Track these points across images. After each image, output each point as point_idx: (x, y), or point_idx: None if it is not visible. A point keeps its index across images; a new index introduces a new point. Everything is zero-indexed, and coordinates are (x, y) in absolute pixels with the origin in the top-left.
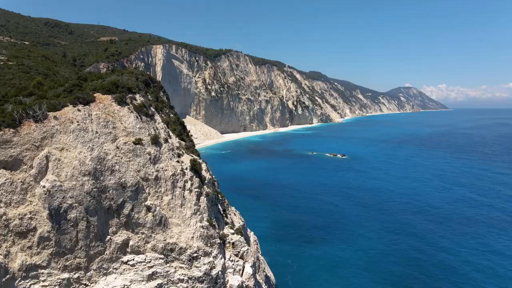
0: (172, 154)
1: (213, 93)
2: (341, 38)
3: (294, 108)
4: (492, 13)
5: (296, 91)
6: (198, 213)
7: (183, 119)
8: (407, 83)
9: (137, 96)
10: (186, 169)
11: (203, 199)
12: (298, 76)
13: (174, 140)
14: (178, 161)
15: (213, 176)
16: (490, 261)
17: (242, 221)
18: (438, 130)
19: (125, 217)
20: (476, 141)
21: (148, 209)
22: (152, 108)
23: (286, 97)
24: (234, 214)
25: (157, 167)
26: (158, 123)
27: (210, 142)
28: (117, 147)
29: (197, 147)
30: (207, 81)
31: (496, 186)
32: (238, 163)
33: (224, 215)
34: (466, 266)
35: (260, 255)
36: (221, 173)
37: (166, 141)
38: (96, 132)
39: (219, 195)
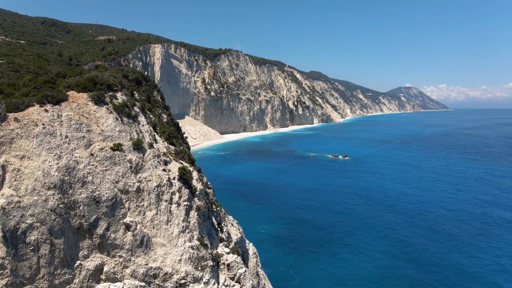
0: (158, 162)
1: (212, 93)
2: (341, 38)
3: (294, 108)
4: (492, 13)
5: (297, 91)
6: (187, 230)
7: (182, 120)
8: (407, 83)
9: (119, 94)
10: (174, 179)
11: (193, 213)
12: (298, 76)
13: (161, 145)
14: (164, 170)
15: (209, 184)
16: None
17: (240, 233)
18: (440, 130)
19: (98, 237)
20: (480, 141)
21: (127, 227)
22: (136, 108)
23: (286, 97)
24: (232, 224)
25: (139, 177)
26: (143, 125)
27: (210, 143)
28: (91, 154)
29: (196, 148)
30: (206, 81)
31: (507, 189)
32: (237, 164)
33: (219, 229)
34: (483, 274)
35: (260, 269)
36: (220, 175)
37: (151, 146)
38: (66, 137)
39: (214, 206)
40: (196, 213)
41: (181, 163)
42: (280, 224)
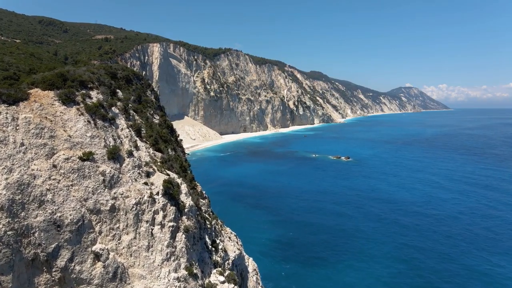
0: (138, 173)
1: (212, 93)
2: (341, 38)
3: (295, 108)
4: (492, 13)
5: (297, 91)
6: (173, 258)
7: (181, 120)
8: (407, 83)
9: (94, 92)
10: (157, 194)
11: (180, 236)
12: (299, 75)
13: (144, 153)
14: (146, 183)
15: (203, 193)
16: None
17: (239, 249)
18: (442, 130)
19: (59, 270)
20: (484, 142)
21: (97, 256)
22: (114, 109)
23: (287, 97)
24: (229, 238)
25: (115, 193)
26: (122, 129)
27: (209, 144)
28: (54, 166)
29: (195, 148)
30: (206, 81)
31: None
32: (237, 166)
33: (213, 248)
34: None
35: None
36: (219, 177)
37: (130, 154)
38: (22, 145)
39: (208, 221)
40: (184, 236)
41: (168, 174)
42: (282, 230)
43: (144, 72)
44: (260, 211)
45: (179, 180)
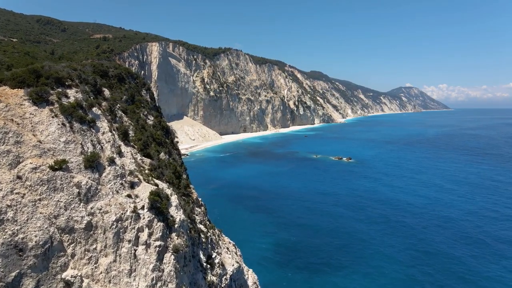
0: (121, 184)
1: (212, 93)
2: (341, 37)
3: (295, 108)
4: (492, 13)
5: (297, 91)
6: (160, 284)
7: (180, 120)
8: (407, 83)
9: (72, 91)
10: (143, 208)
11: (168, 258)
12: (299, 75)
13: (128, 160)
14: (129, 196)
15: (199, 200)
16: None
17: (237, 262)
18: (444, 130)
19: None
20: (487, 142)
21: (68, 285)
22: (96, 110)
23: (287, 97)
24: (227, 250)
25: (92, 208)
26: (103, 132)
27: (209, 144)
28: (18, 177)
29: (194, 149)
30: (205, 80)
31: None
32: (237, 167)
33: (208, 266)
34: None
35: None
36: (218, 178)
37: (111, 162)
38: None
39: (202, 235)
40: (173, 257)
41: (156, 185)
42: (283, 234)
43: (142, 72)
44: (260, 214)
45: (168, 191)
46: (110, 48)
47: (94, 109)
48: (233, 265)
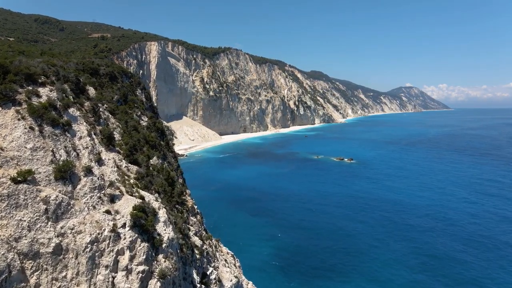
0: (99, 198)
1: (211, 93)
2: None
3: (295, 108)
4: (492, 13)
5: (298, 91)
6: None
7: (179, 120)
8: (407, 83)
9: (45, 90)
10: (124, 226)
11: (154, 285)
12: (299, 75)
13: (109, 168)
14: (108, 212)
15: (195, 208)
16: None
17: (236, 276)
18: (444, 130)
19: None
20: (489, 142)
21: None
22: (73, 111)
23: (287, 97)
24: (225, 261)
25: (62, 228)
26: (80, 137)
27: (208, 144)
28: None
29: (193, 150)
30: (205, 80)
31: None
32: (237, 168)
33: (203, 285)
34: None
35: None
36: (217, 180)
37: (88, 172)
38: None
39: (196, 251)
40: (159, 284)
41: (141, 197)
42: (284, 239)
43: (141, 71)
44: (261, 217)
45: (156, 204)
46: (108, 47)
47: (71, 110)
48: (231, 281)
